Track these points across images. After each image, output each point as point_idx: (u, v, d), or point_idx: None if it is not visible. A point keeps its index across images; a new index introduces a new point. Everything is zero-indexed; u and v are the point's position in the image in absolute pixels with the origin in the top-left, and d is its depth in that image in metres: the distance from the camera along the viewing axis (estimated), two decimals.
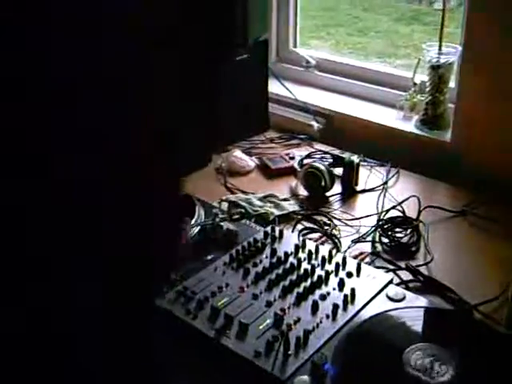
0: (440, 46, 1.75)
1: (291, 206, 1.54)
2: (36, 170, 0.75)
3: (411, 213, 1.50)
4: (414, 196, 1.53)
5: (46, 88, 0.72)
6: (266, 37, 1.96)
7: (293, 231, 1.44)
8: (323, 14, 4.18)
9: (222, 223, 1.39)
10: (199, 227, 1.40)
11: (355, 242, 1.40)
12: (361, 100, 2.02)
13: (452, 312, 1.21)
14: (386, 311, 1.14)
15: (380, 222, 1.46)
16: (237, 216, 1.45)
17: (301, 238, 1.34)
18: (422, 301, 1.18)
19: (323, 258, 1.26)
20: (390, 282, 1.23)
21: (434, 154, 1.73)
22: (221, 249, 1.33)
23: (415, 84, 1.86)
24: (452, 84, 1.76)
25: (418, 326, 1.13)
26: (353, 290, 1.17)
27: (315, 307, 1.14)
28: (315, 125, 1.97)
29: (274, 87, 2.06)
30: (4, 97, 0.72)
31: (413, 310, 1.15)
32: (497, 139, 1.62)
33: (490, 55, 1.58)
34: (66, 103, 0.75)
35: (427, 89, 1.79)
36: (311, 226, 1.47)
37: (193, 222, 1.40)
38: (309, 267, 1.24)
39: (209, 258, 1.30)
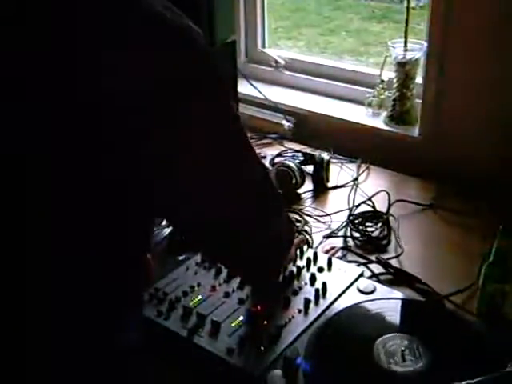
0: (405, 43, 1.77)
1: None
2: None
3: (381, 207, 1.51)
4: (383, 191, 1.55)
5: None
6: (234, 38, 1.96)
7: None
8: (294, 15, 4.20)
9: None
10: (171, 228, 1.39)
11: (326, 237, 1.42)
12: (330, 98, 2.03)
13: (423, 303, 1.22)
14: (357, 304, 1.15)
15: (351, 217, 1.48)
16: None
17: None
18: (393, 293, 1.20)
19: (295, 255, 1.27)
20: (361, 275, 1.24)
21: (403, 149, 1.75)
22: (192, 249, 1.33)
23: (383, 81, 1.88)
24: (419, 80, 1.79)
25: (389, 317, 1.14)
26: (324, 285, 1.18)
27: (287, 303, 1.15)
28: (286, 124, 1.98)
29: (244, 88, 2.07)
30: None
31: (383, 301, 1.17)
32: (463, 133, 1.65)
33: (453, 51, 1.60)
34: None
35: (394, 85, 1.81)
36: None
37: (164, 222, 1.40)
38: None
39: (180, 258, 1.30)
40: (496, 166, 1.58)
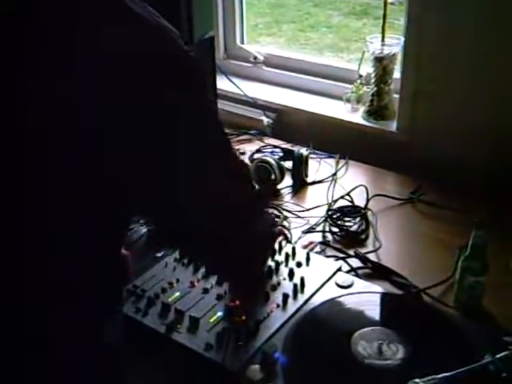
0: (383, 38, 1.78)
1: None
2: None
3: (360, 202, 1.52)
4: (362, 185, 1.55)
5: None
6: (212, 34, 1.96)
7: None
8: (274, 11, 4.20)
9: None
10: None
11: (305, 232, 1.42)
12: (309, 94, 2.03)
13: (401, 296, 1.23)
14: (335, 298, 1.16)
15: (329, 212, 1.48)
16: None
17: None
18: (371, 287, 1.20)
19: (273, 249, 1.27)
20: (339, 269, 1.25)
21: (381, 144, 1.76)
22: None
23: (361, 76, 1.89)
24: (397, 75, 1.79)
25: (367, 311, 1.14)
26: (302, 279, 1.19)
27: (266, 298, 1.15)
28: (265, 120, 1.98)
29: (223, 84, 2.07)
30: None
31: (362, 295, 1.17)
32: (440, 127, 1.66)
33: (430, 44, 1.61)
34: None
35: (372, 80, 1.82)
36: None
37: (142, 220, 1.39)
38: None
39: (159, 254, 1.30)
40: (473, 160, 1.59)
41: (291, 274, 1.21)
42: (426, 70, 1.64)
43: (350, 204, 1.52)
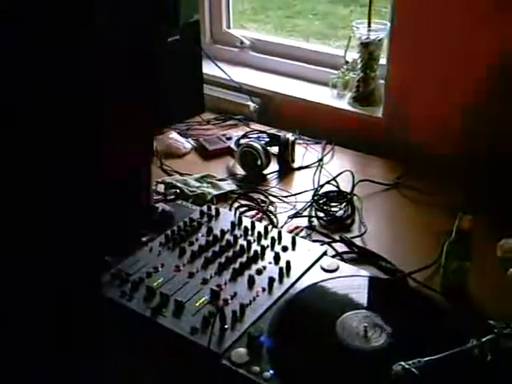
0: (369, 23, 1.77)
1: (228, 186, 1.54)
2: None
3: (346, 187, 1.52)
4: (348, 171, 1.55)
5: None
6: (197, 17, 1.94)
7: (230, 209, 1.44)
8: None
9: (156, 204, 1.38)
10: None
11: (291, 217, 1.42)
12: (295, 79, 2.02)
13: (386, 280, 1.23)
14: (320, 282, 1.16)
15: (315, 197, 1.48)
16: (172, 196, 1.44)
17: (237, 216, 1.34)
18: (357, 271, 1.20)
19: (259, 233, 1.27)
20: (325, 253, 1.25)
21: (368, 130, 1.76)
22: (156, 230, 1.32)
23: (347, 62, 1.88)
24: (383, 61, 1.79)
25: (352, 294, 1.14)
26: (288, 263, 1.18)
27: (251, 281, 1.15)
28: (251, 105, 1.97)
29: (209, 69, 2.05)
30: None
31: (347, 279, 1.17)
32: (426, 113, 1.66)
33: (416, 31, 1.60)
34: None
35: (358, 66, 1.81)
36: (248, 203, 1.48)
37: None
38: (245, 243, 1.24)
39: (144, 239, 1.29)
40: (458, 146, 1.59)
41: (277, 257, 1.21)
42: (412, 56, 1.63)
43: (335, 189, 1.52)
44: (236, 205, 1.47)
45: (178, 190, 1.48)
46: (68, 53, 0.92)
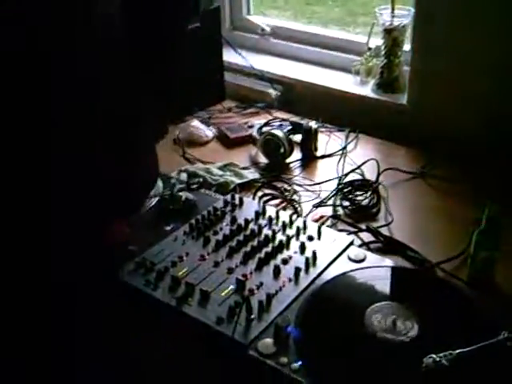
0: (393, 9, 1.74)
1: (251, 174, 1.53)
2: None
3: (371, 176, 1.50)
4: (372, 159, 1.53)
5: None
6: (218, 4, 1.92)
7: (253, 198, 1.42)
8: None
9: (180, 193, 1.37)
10: (158, 198, 1.37)
11: (316, 206, 1.40)
12: (317, 66, 2.00)
13: (414, 271, 1.21)
14: (348, 272, 1.14)
15: (340, 186, 1.46)
16: (195, 185, 1.43)
17: (261, 205, 1.33)
18: (384, 261, 1.19)
19: (284, 223, 1.26)
20: (351, 243, 1.23)
21: (392, 117, 1.73)
22: (180, 219, 1.31)
23: (370, 48, 1.85)
24: (407, 47, 1.76)
25: (380, 285, 1.13)
26: (314, 253, 1.17)
27: (277, 271, 1.13)
28: (273, 92, 1.95)
29: (230, 56, 2.03)
30: None
31: (374, 269, 1.16)
32: (451, 100, 1.63)
33: (441, 16, 1.57)
34: None
35: (382, 52, 1.78)
36: (272, 192, 1.46)
37: (152, 192, 1.37)
38: (269, 232, 1.23)
39: (168, 228, 1.28)
40: (484, 134, 1.56)
41: (303, 247, 1.19)
42: (437, 42, 1.60)
43: (360, 178, 1.50)
44: (260, 194, 1.45)
45: (201, 179, 1.46)
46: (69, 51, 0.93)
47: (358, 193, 1.45)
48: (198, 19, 1.83)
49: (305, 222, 1.25)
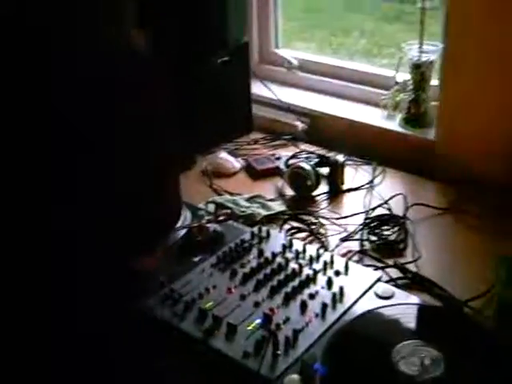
0: (421, 44, 1.75)
1: (278, 207, 1.54)
2: None
3: (398, 211, 1.49)
4: (400, 194, 1.53)
5: None
6: (247, 38, 1.95)
7: (280, 231, 1.43)
8: (307, 16, 4.17)
9: (208, 225, 1.38)
10: (185, 229, 1.38)
11: (343, 240, 1.40)
12: (344, 99, 2.02)
13: (441, 308, 1.20)
14: (375, 309, 1.14)
15: (367, 221, 1.46)
16: (223, 217, 1.44)
17: (288, 238, 1.33)
18: (411, 298, 1.18)
19: (311, 257, 1.26)
20: (379, 279, 1.22)
21: (419, 152, 1.73)
22: (207, 250, 1.31)
23: (397, 82, 1.86)
24: (434, 82, 1.77)
25: (407, 323, 1.12)
26: (341, 289, 1.17)
27: (304, 306, 1.13)
28: (299, 125, 1.96)
29: (258, 89, 2.06)
30: None
31: (402, 307, 1.15)
32: (480, 136, 1.63)
33: (470, 52, 1.58)
34: None
35: (409, 87, 1.79)
36: (299, 225, 1.46)
37: (179, 224, 1.39)
38: (296, 266, 1.23)
39: (195, 259, 1.29)
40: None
41: (329, 282, 1.19)
42: (466, 78, 1.61)
43: (387, 213, 1.49)
44: (286, 226, 1.46)
45: (228, 211, 1.47)
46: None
47: (384, 227, 1.44)
48: (228, 52, 1.86)
49: (332, 257, 1.25)
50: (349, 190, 1.64)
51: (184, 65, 1.50)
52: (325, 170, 1.67)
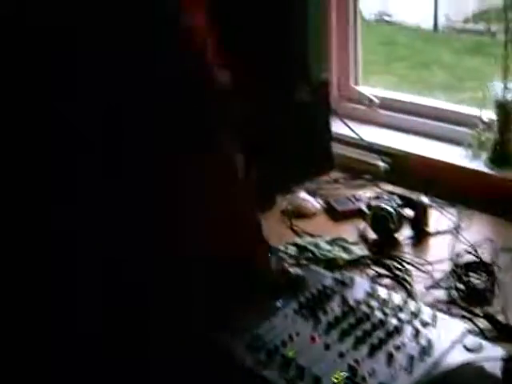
0: (505, 81, 1.71)
1: (360, 250, 1.52)
2: None
3: (486, 256, 1.44)
4: (488, 239, 1.48)
5: None
6: (328, 76, 1.96)
7: (363, 277, 1.40)
8: (384, 49, 4.16)
9: (289, 268, 1.37)
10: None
11: (429, 288, 1.36)
12: (426, 137, 1.98)
13: None
14: (464, 363, 1.09)
15: (454, 267, 1.42)
16: (305, 261, 1.43)
17: (372, 285, 1.31)
18: (501, 351, 1.13)
19: (396, 305, 1.23)
20: (467, 331, 1.18)
21: (507, 194, 1.67)
22: (289, 294, 1.30)
23: (482, 121, 1.82)
24: None
25: (497, 377, 1.07)
26: (429, 340, 1.13)
27: (390, 358, 1.10)
28: (381, 164, 1.94)
29: (337, 127, 2.05)
30: None
31: (492, 360, 1.10)
32: None
33: None
34: None
35: (495, 127, 1.74)
36: (382, 271, 1.44)
37: None
38: (382, 316, 1.20)
39: (278, 304, 1.28)
40: None
41: (416, 333, 1.16)
42: None
43: (475, 259, 1.44)
44: (369, 271, 1.43)
45: (309, 254, 1.47)
46: None
47: (472, 275, 1.40)
48: (309, 90, 1.87)
49: (419, 306, 1.22)
50: (434, 234, 1.60)
51: (265, 102, 1.52)
52: (408, 212, 1.63)
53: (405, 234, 1.60)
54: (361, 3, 2.20)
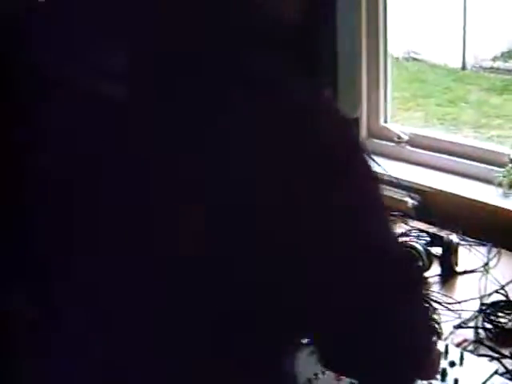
0: None
1: None
2: None
3: None
4: None
5: None
6: (357, 115, 1.98)
7: None
8: (411, 85, 4.18)
9: None
10: None
11: (457, 327, 1.35)
12: (456, 176, 1.98)
13: None
14: None
15: (483, 307, 1.41)
16: None
17: None
18: None
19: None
20: (495, 372, 1.17)
21: None
22: None
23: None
24: None
25: None
26: (456, 381, 1.12)
27: None
28: (409, 201, 1.94)
29: None
30: None
31: None
32: None
33: None
34: None
35: None
36: None
37: None
38: None
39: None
40: None
41: (444, 374, 1.15)
42: None
43: (504, 299, 1.43)
44: None
45: None
46: None
47: (501, 314, 1.38)
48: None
49: (447, 346, 1.21)
50: (462, 273, 1.59)
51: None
52: (436, 250, 1.63)
53: (433, 272, 1.59)
54: (390, 41, 2.23)
